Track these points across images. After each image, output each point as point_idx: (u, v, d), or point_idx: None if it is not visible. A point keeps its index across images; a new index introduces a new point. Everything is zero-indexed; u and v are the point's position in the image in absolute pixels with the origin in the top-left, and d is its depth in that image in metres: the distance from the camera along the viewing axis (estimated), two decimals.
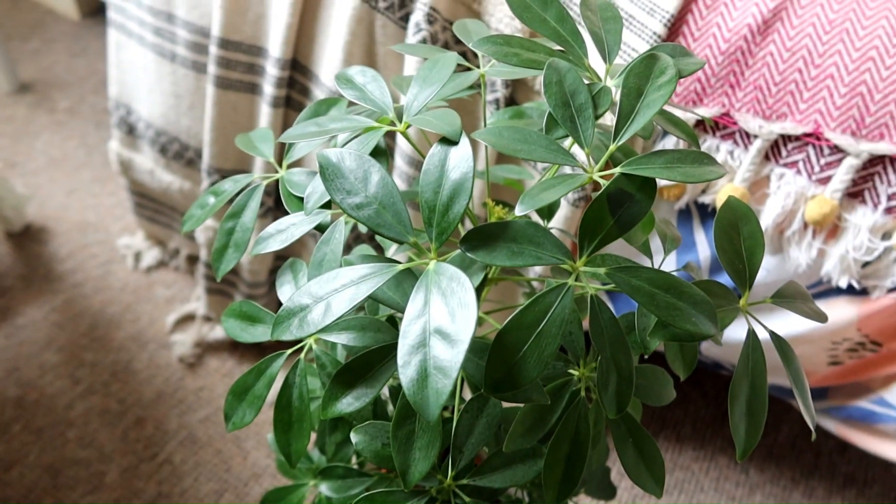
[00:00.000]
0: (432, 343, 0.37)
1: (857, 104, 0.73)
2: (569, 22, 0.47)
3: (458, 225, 0.40)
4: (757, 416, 0.44)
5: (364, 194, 0.41)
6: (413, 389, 0.36)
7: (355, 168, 0.42)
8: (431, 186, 0.40)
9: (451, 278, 0.38)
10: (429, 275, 0.38)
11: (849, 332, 0.84)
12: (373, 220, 0.41)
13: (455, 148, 0.40)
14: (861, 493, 1.15)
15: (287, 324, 0.40)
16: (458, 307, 0.37)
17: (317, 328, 0.39)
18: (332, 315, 0.39)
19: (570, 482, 0.47)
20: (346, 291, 0.39)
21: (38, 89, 1.71)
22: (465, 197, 0.39)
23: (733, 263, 0.46)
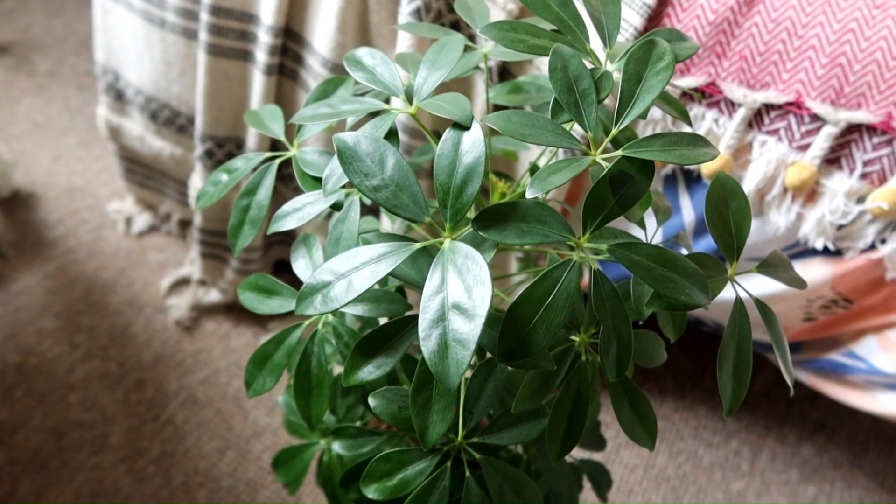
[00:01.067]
0: (451, 317, 0.40)
1: (837, 74, 0.76)
2: (571, 7, 0.49)
3: (471, 205, 0.43)
4: (742, 377, 0.48)
5: (381, 177, 0.43)
6: (434, 360, 0.39)
7: (371, 151, 0.44)
8: (445, 169, 0.43)
9: (467, 256, 0.41)
10: (444, 253, 0.41)
11: (823, 290, 0.89)
12: (390, 201, 0.43)
13: (468, 133, 0.43)
14: (829, 438, 1.23)
15: (311, 300, 0.43)
16: (474, 283, 0.40)
17: (340, 304, 0.42)
18: (355, 291, 0.42)
19: (571, 439, 0.51)
20: (366, 269, 0.42)
21: (16, 51, 1.68)
22: (478, 180, 0.42)
23: (722, 236, 0.49)
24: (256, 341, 1.23)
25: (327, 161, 0.53)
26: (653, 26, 0.81)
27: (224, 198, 1.09)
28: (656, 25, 0.81)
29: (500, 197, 0.56)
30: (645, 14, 0.79)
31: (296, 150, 0.54)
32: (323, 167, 0.52)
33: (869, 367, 0.94)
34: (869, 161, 0.78)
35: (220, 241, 1.20)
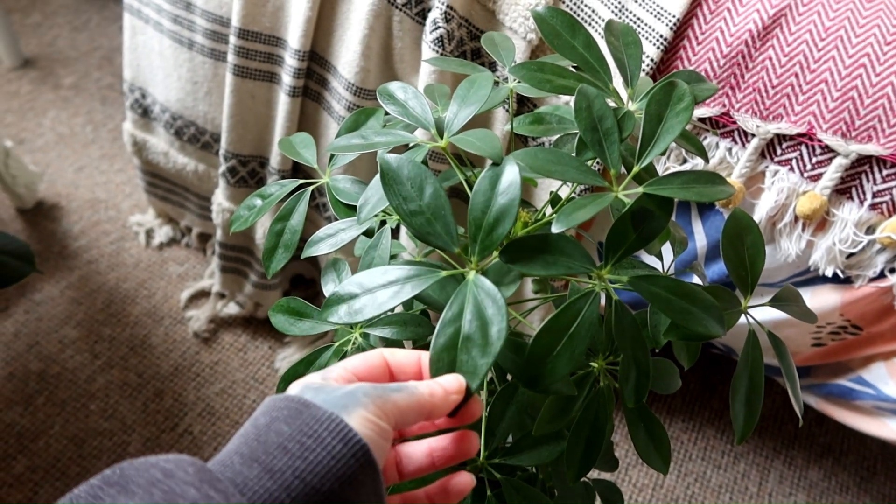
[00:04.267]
0: (463, 348, 0.42)
1: (849, 108, 0.79)
2: (595, 48, 0.52)
3: (500, 244, 0.45)
4: (754, 406, 0.50)
5: (418, 202, 0.46)
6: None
7: (413, 177, 0.46)
8: (480, 206, 0.45)
9: (488, 294, 0.43)
10: (468, 285, 0.44)
11: (832, 316, 0.91)
12: (424, 228, 0.45)
13: (506, 174, 0.44)
14: (837, 462, 1.24)
15: (336, 308, 0.44)
16: (491, 321, 0.42)
17: (364, 318, 0.43)
18: (379, 308, 0.43)
19: (588, 461, 0.53)
20: (392, 288, 0.44)
21: (42, 64, 1.72)
22: (510, 221, 0.44)
23: (737, 270, 0.51)
24: (273, 354, 1.26)
25: (360, 189, 0.55)
26: (669, 58, 0.83)
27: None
28: (673, 57, 0.83)
29: (523, 225, 0.58)
30: (662, 46, 0.82)
31: (328, 177, 0.57)
32: (356, 195, 0.54)
33: (878, 393, 0.96)
34: (879, 192, 0.80)
35: (240, 256, 1.22)
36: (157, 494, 0.31)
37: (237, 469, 0.34)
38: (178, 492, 0.31)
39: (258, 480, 0.34)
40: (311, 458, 0.34)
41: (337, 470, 0.34)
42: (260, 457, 0.34)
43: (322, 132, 1.05)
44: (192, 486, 0.32)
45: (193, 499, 0.31)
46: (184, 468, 0.32)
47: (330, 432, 0.35)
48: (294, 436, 0.35)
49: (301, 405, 0.36)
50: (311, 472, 0.34)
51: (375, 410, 0.37)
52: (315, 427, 0.35)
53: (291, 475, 0.34)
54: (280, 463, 0.34)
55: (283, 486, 0.34)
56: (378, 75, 0.95)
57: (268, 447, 0.35)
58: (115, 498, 0.30)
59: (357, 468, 0.35)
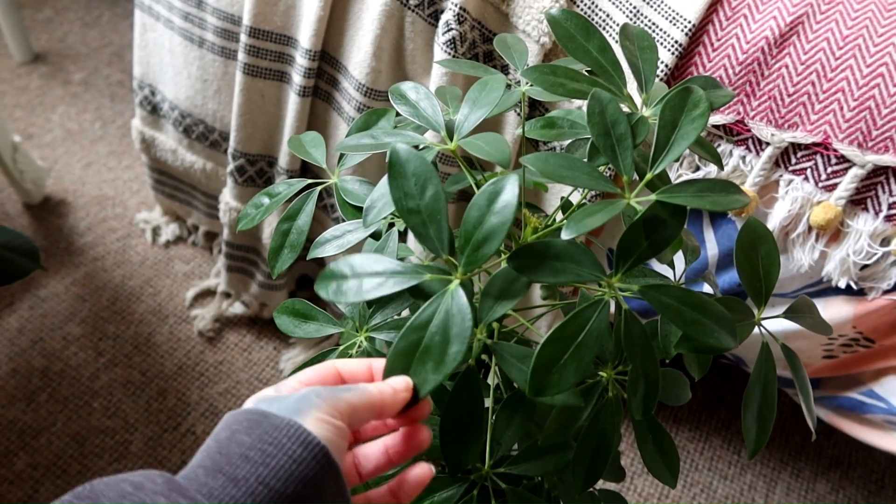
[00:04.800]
0: (418, 359, 0.42)
1: (865, 118, 0.77)
2: (609, 52, 0.51)
3: (484, 262, 0.44)
4: (766, 421, 0.49)
5: (417, 202, 0.45)
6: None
7: (418, 174, 0.45)
8: (472, 221, 0.43)
9: (460, 310, 0.42)
10: (445, 295, 0.43)
11: (844, 328, 0.89)
12: (418, 228, 0.45)
13: (504, 193, 0.43)
14: (845, 474, 1.22)
15: (327, 284, 0.44)
16: (454, 339, 0.41)
17: (346, 300, 0.43)
18: (362, 295, 0.43)
19: (595, 472, 0.52)
20: (377, 279, 0.44)
21: (52, 60, 1.72)
22: (497, 242, 0.43)
23: (751, 281, 0.50)
24: (278, 355, 1.25)
25: (368, 190, 0.54)
26: (684, 64, 0.82)
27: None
28: (687, 63, 0.82)
29: (533, 231, 0.57)
30: (677, 52, 0.81)
31: (337, 178, 0.56)
32: (364, 196, 0.54)
33: (889, 407, 0.94)
34: (894, 203, 0.79)
35: (247, 255, 1.22)
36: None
37: (202, 481, 0.35)
38: (148, 501, 0.32)
39: (223, 489, 0.35)
40: (273, 463, 0.35)
41: (299, 473, 0.36)
42: (223, 467, 0.35)
43: (331, 133, 1.04)
44: (161, 495, 0.33)
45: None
46: (153, 480, 0.34)
47: (289, 438, 0.36)
48: (255, 444, 0.36)
49: (259, 415, 0.38)
50: (274, 476, 0.35)
51: (329, 409, 0.38)
52: (274, 434, 0.36)
53: (255, 481, 0.35)
54: (243, 471, 0.35)
55: (248, 493, 0.35)
56: (389, 76, 0.94)
57: (230, 458, 0.36)
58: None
59: (318, 469, 0.36)
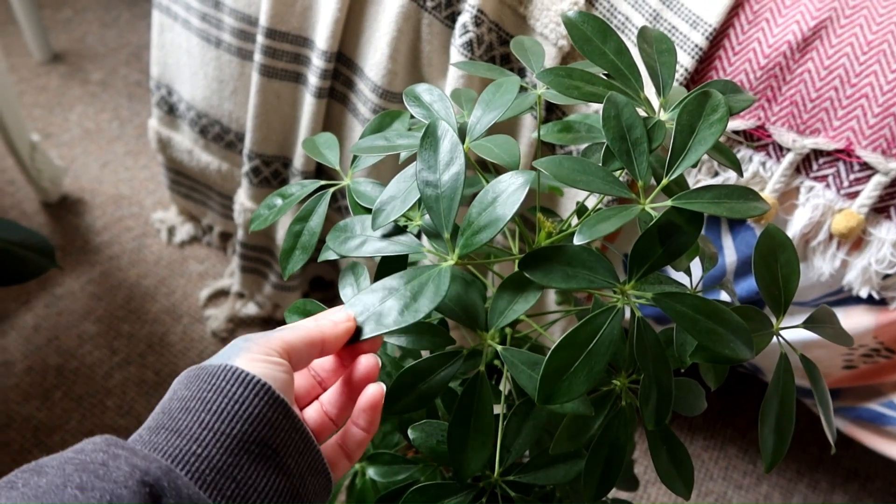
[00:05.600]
0: (390, 299, 0.42)
1: (890, 124, 0.76)
2: (626, 55, 0.50)
3: (477, 249, 0.44)
4: (784, 433, 0.48)
5: (437, 177, 0.45)
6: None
7: (447, 151, 0.45)
8: (478, 207, 0.44)
9: (438, 289, 0.42)
10: (433, 272, 0.43)
11: (865, 338, 0.88)
12: (430, 201, 0.45)
13: (513, 189, 0.43)
14: (863, 487, 1.20)
15: (337, 235, 0.49)
16: (422, 296, 0.42)
17: (348, 253, 0.46)
18: (361, 251, 0.46)
19: (607, 482, 0.51)
20: (380, 243, 0.47)
21: (71, 60, 1.74)
22: (494, 230, 0.43)
23: (770, 290, 0.49)
24: None
25: (381, 193, 0.54)
26: (704, 68, 0.81)
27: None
28: (708, 67, 0.81)
29: (546, 236, 0.56)
30: (696, 56, 0.79)
31: (350, 179, 0.55)
32: (376, 198, 0.53)
33: None
34: None
35: (261, 256, 1.22)
36: (69, 468, 0.32)
37: (146, 439, 0.35)
38: (88, 460, 0.32)
39: (167, 442, 0.35)
40: (214, 408, 0.35)
41: (242, 411, 0.35)
42: (166, 423, 0.36)
43: (347, 134, 1.04)
44: (100, 451, 0.33)
45: (102, 461, 0.32)
46: (93, 441, 0.34)
47: (226, 380, 0.36)
48: (194, 395, 0.36)
49: (195, 369, 0.38)
50: (217, 419, 0.35)
51: (260, 349, 0.38)
52: (210, 381, 0.36)
53: (199, 427, 0.35)
54: (185, 422, 0.35)
55: (192, 440, 0.34)
56: (405, 78, 0.94)
57: (171, 413, 0.36)
58: (27, 480, 0.31)
59: (262, 405, 0.36)
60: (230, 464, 0.35)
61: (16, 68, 1.70)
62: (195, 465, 0.34)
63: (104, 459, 0.32)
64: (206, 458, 0.34)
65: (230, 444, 0.35)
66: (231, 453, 0.35)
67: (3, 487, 0.31)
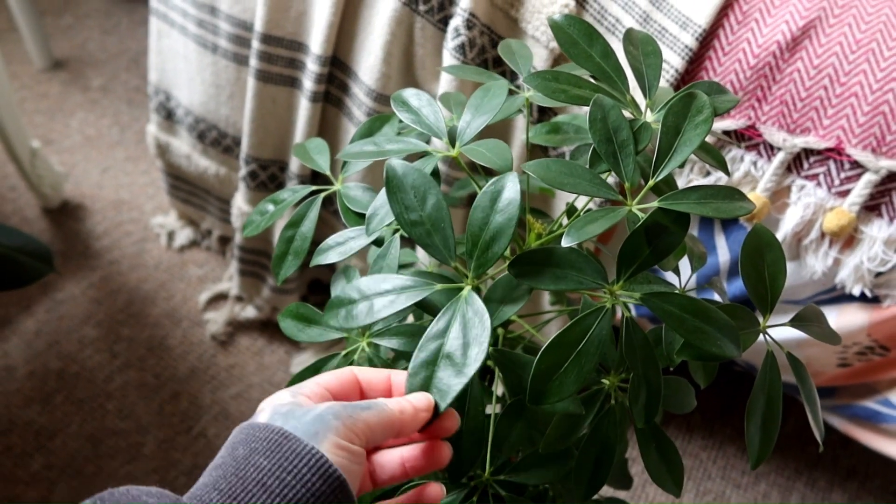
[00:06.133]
0: (441, 365, 0.42)
1: (879, 123, 0.76)
2: (612, 58, 0.51)
3: (495, 262, 0.44)
4: (770, 431, 0.48)
5: (419, 213, 0.45)
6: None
7: (417, 186, 0.45)
8: (478, 223, 0.44)
9: (476, 312, 0.42)
10: (459, 301, 0.43)
11: (859, 336, 0.88)
12: (423, 238, 0.45)
13: (506, 191, 0.44)
14: (862, 485, 1.20)
15: (336, 312, 0.45)
16: (473, 341, 0.41)
17: (358, 323, 0.43)
18: (374, 316, 0.43)
19: (598, 481, 0.51)
20: (388, 297, 0.44)
21: (72, 66, 1.75)
22: (506, 240, 0.43)
23: (756, 288, 0.49)
24: (289, 359, 1.25)
25: (371, 197, 0.54)
26: (694, 69, 0.81)
27: None
28: (697, 68, 0.81)
29: (537, 237, 0.57)
30: (686, 56, 0.80)
31: (340, 184, 0.56)
32: (367, 203, 0.54)
33: None
34: None
35: (259, 260, 1.22)
36: None
37: (215, 502, 0.34)
38: None
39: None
40: (291, 495, 0.34)
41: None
42: (238, 494, 0.34)
43: (342, 138, 1.04)
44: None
45: None
46: (166, 496, 0.33)
47: (309, 468, 0.35)
48: (273, 471, 0.35)
49: (279, 437, 0.36)
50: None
51: (346, 433, 0.37)
52: (294, 461, 0.35)
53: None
54: (259, 501, 0.34)
55: None
56: (399, 81, 0.94)
57: (246, 483, 0.35)
58: None
59: (334, 501, 0.35)
60: None
61: (17, 75, 1.71)
62: None
63: None
64: None
65: None
66: None
67: None
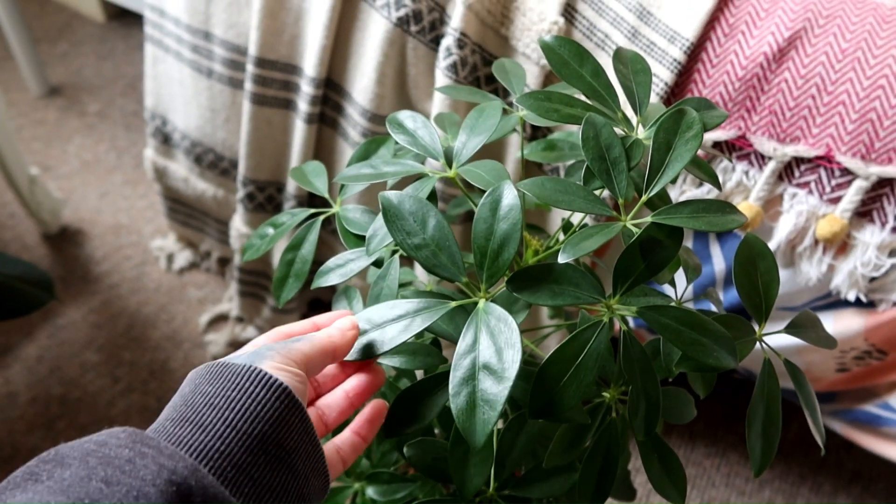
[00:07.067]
0: (480, 377, 0.42)
1: (868, 130, 0.77)
2: (603, 76, 0.52)
3: (507, 269, 0.45)
4: (771, 438, 0.49)
5: (422, 236, 0.46)
6: (462, 418, 0.41)
7: (415, 211, 0.46)
8: (483, 234, 0.45)
9: (500, 318, 0.43)
10: (479, 314, 0.43)
11: (856, 341, 0.89)
12: (430, 260, 0.46)
13: (505, 198, 0.45)
14: (866, 489, 1.20)
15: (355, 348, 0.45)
16: (505, 346, 0.42)
17: (372, 355, 0.44)
18: (390, 343, 0.44)
19: (602, 493, 0.52)
20: (401, 322, 0.44)
21: (68, 92, 1.76)
22: (514, 245, 0.44)
23: (751, 297, 0.50)
24: None
25: (369, 219, 0.55)
26: (683, 81, 0.83)
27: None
28: (687, 81, 0.83)
29: (534, 253, 0.58)
30: (675, 70, 0.81)
31: (339, 207, 0.57)
32: (365, 225, 0.55)
33: None
34: None
35: (258, 281, 1.23)
36: (93, 461, 0.32)
37: (170, 430, 0.36)
38: (113, 454, 0.33)
39: (191, 436, 0.36)
40: (238, 406, 0.37)
41: (264, 413, 0.37)
42: (190, 416, 0.37)
43: (338, 158, 1.05)
44: (125, 447, 0.33)
45: (128, 457, 0.33)
46: (116, 435, 0.34)
47: (251, 381, 0.38)
48: (218, 392, 0.37)
49: (219, 366, 0.39)
50: (241, 418, 0.36)
51: (282, 359, 0.40)
52: (235, 380, 0.38)
53: (222, 425, 0.36)
54: (210, 417, 0.36)
55: (216, 436, 0.36)
56: (393, 101, 0.96)
57: (196, 407, 0.37)
58: (51, 472, 0.32)
59: (282, 409, 0.37)
60: (250, 462, 0.36)
61: (14, 103, 1.72)
62: (219, 462, 0.35)
63: (130, 456, 0.33)
64: (228, 455, 0.36)
65: (251, 444, 0.36)
66: (251, 452, 0.36)
67: (27, 479, 0.32)
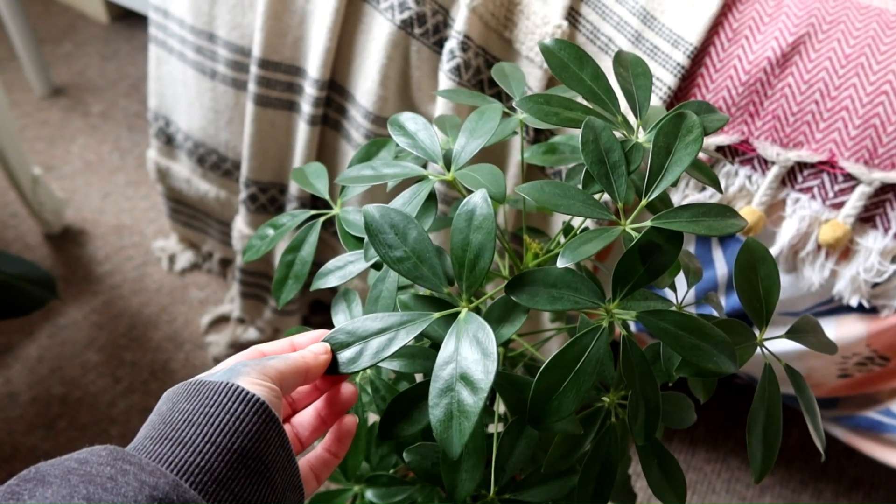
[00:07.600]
0: (458, 388, 0.42)
1: (871, 135, 0.77)
2: (603, 80, 0.51)
3: (484, 278, 0.44)
4: (772, 444, 0.49)
5: (403, 248, 0.46)
6: (440, 429, 0.41)
7: (396, 224, 0.46)
8: (460, 245, 0.45)
9: (479, 328, 0.42)
10: (459, 324, 0.43)
11: (858, 347, 0.88)
12: (412, 272, 0.45)
13: (478, 208, 0.44)
14: (868, 496, 1.20)
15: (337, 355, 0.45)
16: (482, 356, 0.42)
17: (358, 368, 0.44)
18: (374, 357, 0.44)
19: (601, 497, 0.51)
20: (385, 335, 0.44)
21: (72, 93, 1.77)
22: (488, 255, 0.44)
23: (751, 302, 0.50)
24: None
25: None
26: (686, 86, 0.83)
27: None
28: (690, 85, 0.82)
29: (534, 257, 0.58)
30: (679, 74, 0.81)
31: (339, 209, 0.57)
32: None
33: None
34: None
35: (260, 282, 1.23)
36: (74, 479, 0.32)
37: (150, 448, 0.36)
38: (95, 472, 0.33)
39: (171, 452, 0.36)
40: (216, 422, 0.37)
41: (242, 427, 0.37)
42: (169, 434, 0.37)
43: (340, 160, 1.05)
44: (106, 465, 0.33)
45: (109, 475, 0.33)
46: (97, 453, 0.35)
47: (228, 397, 0.38)
48: (196, 409, 0.38)
49: (196, 384, 0.40)
50: (220, 433, 0.37)
51: (258, 375, 0.41)
52: (213, 396, 0.38)
53: (202, 441, 0.36)
54: (189, 434, 0.37)
55: (196, 452, 0.36)
56: (396, 104, 0.96)
57: (174, 425, 0.37)
58: (32, 491, 0.32)
59: (260, 423, 0.38)
60: (230, 477, 0.36)
61: (18, 103, 1.73)
62: (199, 477, 0.36)
63: (112, 473, 0.33)
64: (209, 470, 0.36)
65: (231, 458, 0.37)
66: (231, 467, 0.37)
67: (9, 498, 0.32)
